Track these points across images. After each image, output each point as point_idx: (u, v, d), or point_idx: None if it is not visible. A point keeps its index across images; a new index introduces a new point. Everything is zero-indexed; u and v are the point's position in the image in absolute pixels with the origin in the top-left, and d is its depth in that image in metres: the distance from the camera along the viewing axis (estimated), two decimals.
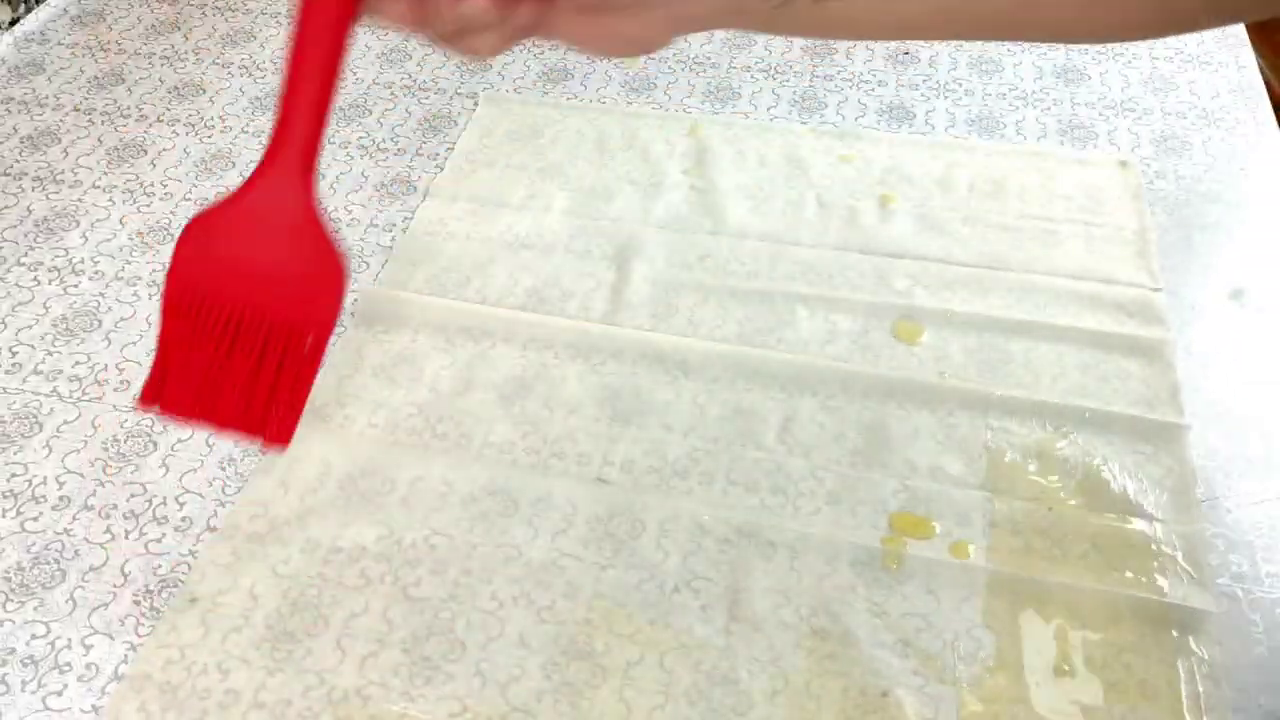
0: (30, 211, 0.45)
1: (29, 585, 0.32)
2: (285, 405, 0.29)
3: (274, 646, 0.31)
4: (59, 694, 0.30)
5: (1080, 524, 0.34)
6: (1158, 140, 0.50)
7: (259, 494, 0.35)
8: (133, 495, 0.35)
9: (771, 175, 0.47)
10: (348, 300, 0.42)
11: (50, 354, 0.39)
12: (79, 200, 0.46)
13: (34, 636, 0.31)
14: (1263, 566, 0.34)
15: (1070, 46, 0.55)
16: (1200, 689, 0.30)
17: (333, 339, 0.40)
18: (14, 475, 0.35)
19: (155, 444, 0.36)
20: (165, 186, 0.47)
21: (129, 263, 0.43)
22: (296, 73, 0.26)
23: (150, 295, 0.42)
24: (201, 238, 0.28)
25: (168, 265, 0.28)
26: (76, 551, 0.33)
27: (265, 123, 0.50)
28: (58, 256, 0.43)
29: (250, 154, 0.48)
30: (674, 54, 0.55)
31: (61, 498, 0.35)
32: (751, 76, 0.53)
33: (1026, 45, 0.56)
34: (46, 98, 0.51)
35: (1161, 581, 0.33)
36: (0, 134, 0.49)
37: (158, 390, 0.29)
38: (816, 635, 0.31)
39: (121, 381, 0.38)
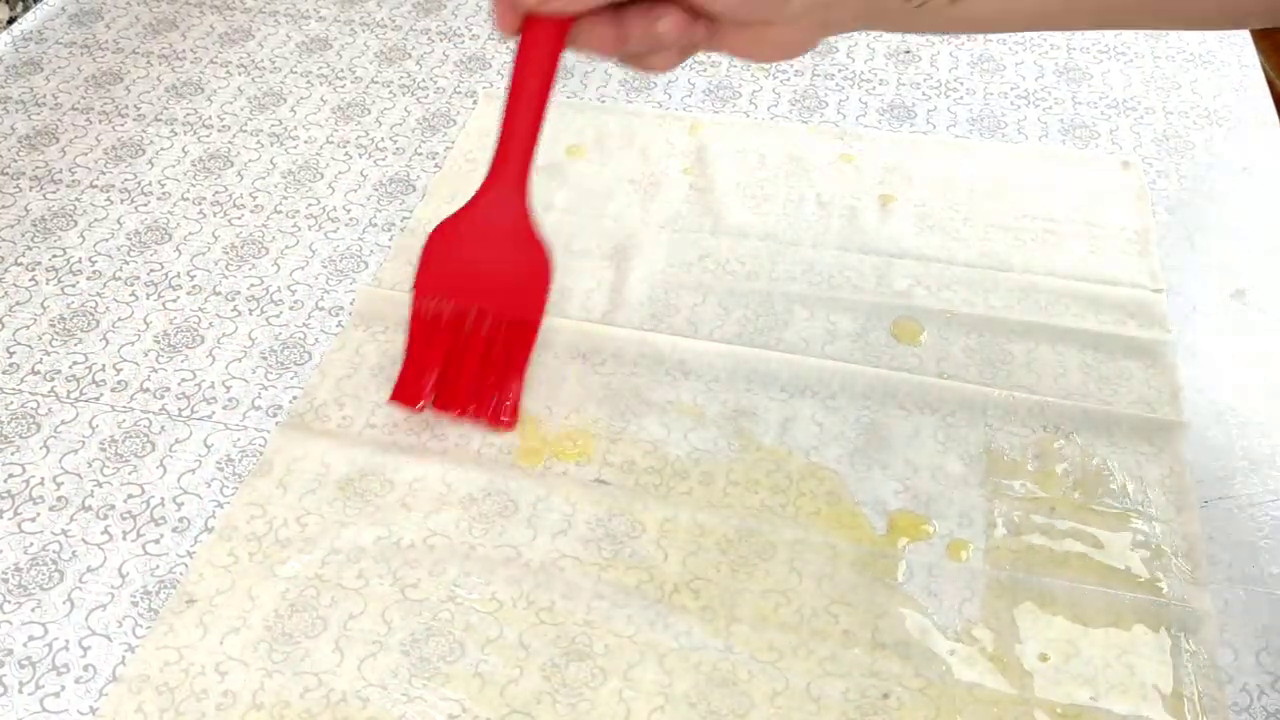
0: (28, 211, 0.45)
1: (26, 586, 0.32)
2: (512, 390, 0.34)
3: (272, 648, 0.31)
4: (56, 695, 0.30)
5: (1080, 524, 0.34)
6: (1160, 140, 0.50)
7: (257, 495, 0.35)
8: (130, 496, 0.35)
9: (772, 174, 0.47)
10: (345, 299, 0.42)
11: (48, 354, 0.39)
12: (77, 199, 0.46)
13: (31, 638, 0.31)
14: (1264, 567, 0.34)
15: (1072, 45, 0.55)
16: (1200, 690, 0.30)
17: (330, 339, 0.40)
18: (11, 476, 0.35)
19: (153, 445, 0.36)
20: (163, 186, 0.47)
21: (127, 262, 0.43)
22: (515, 101, 0.30)
23: (148, 295, 0.42)
24: (440, 247, 0.33)
25: (414, 273, 0.33)
26: (74, 552, 0.33)
27: (263, 122, 0.50)
28: (55, 256, 0.43)
29: (248, 153, 0.48)
30: None
31: (59, 498, 0.35)
32: (752, 75, 0.53)
33: (1028, 44, 0.55)
34: (44, 97, 0.51)
35: (1162, 581, 0.33)
36: None
37: (410, 388, 0.34)
38: (817, 636, 0.31)
39: (119, 382, 0.38)
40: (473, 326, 0.33)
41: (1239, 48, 0.55)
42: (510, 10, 0.28)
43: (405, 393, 0.35)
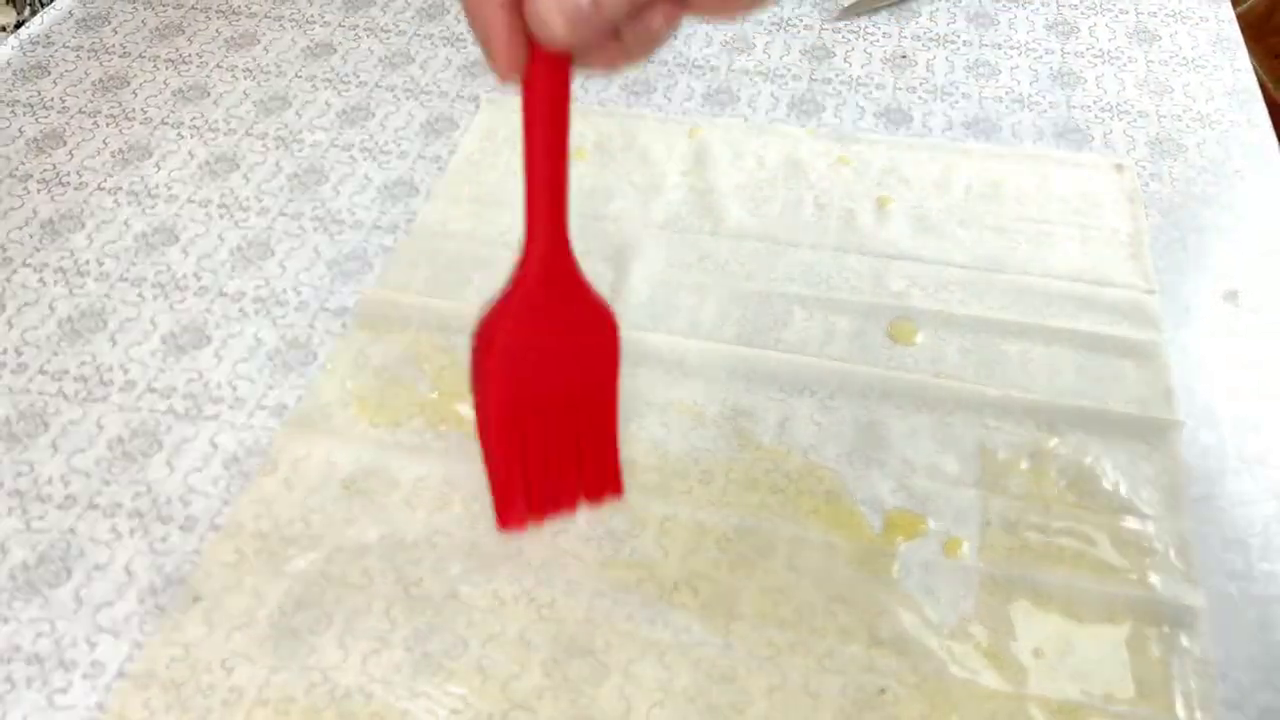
0: (36, 213, 0.46)
1: (34, 584, 0.33)
2: (610, 459, 0.32)
3: (277, 644, 0.31)
4: (64, 691, 0.30)
5: (1074, 522, 0.35)
6: (1153, 143, 0.50)
7: (263, 493, 0.35)
8: (138, 494, 0.35)
9: (770, 177, 0.48)
10: (350, 300, 0.42)
11: (56, 354, 0.40)
12: (84, 202, 0.46)
13: (39, 635, 0.32)
14: (1256, 564, 0.34)
15: (1066, 50, 0.56)
16: (1194, 686, 0.31)
17: (335, 339, 0.40)
18: (20, 474, 0.36)
19: (160, 444, 0.37)
20: (170, 189, 0.47)
21: (134, 264, 0.44)
22: (536, 153, 0.26)
23: (155, 296, 0.42)
24: (498, 346, 0.28)
25: (482, 380, 0.28)
26: (82, 550, 0.34)
27: (268, 125, 0.51)
28: (63, 258, 0.44)
29: (254, 157, 0.49)
30: (673, 57, 0.55)
31: (67, 497, 0.35)
32: (750, 80, 0.54)
33: (1022, 49, 0.56)
34: (52, 100, 0.52)
35: (1155, 579, 0.33)
36: (6, 136, 0.50)
37: (514, 508, 0.32)
38: (815, 633, 0.32)
39: (127, 381, 0.39)
40: (554, 418, 0.29)
41: (1231, 52, 0.55)
42: (513, 50, 0.25)
43: (514, 515, 0.32)
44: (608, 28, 0.25)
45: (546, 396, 0.29)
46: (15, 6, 0.55)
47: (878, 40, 0.57)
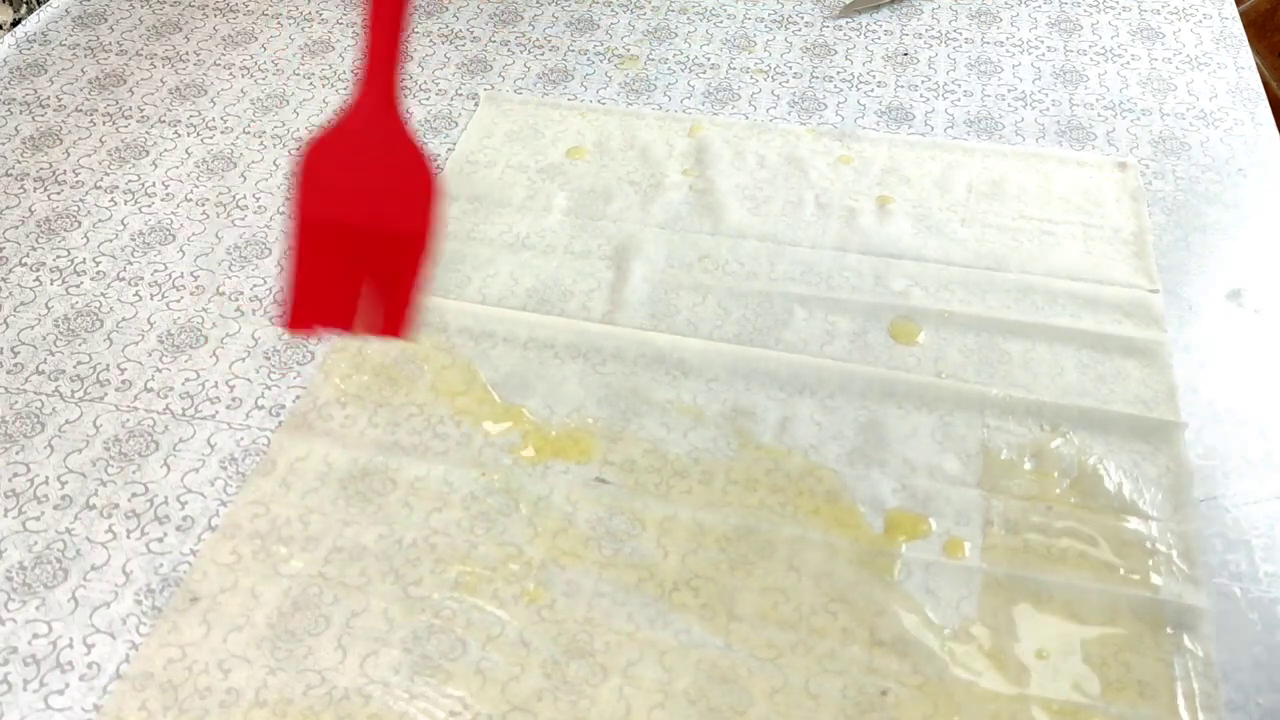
0: (32, 212, 0.46)
1: (31, 584, 0.33)
2: (405, 303, 0.32)
3: (275, 645, 0.31)
4: (61, 693, 0.30)
5: (1077, 522, 0.34)
6: (1156, 141, 0.50)
7: (260, 493, 0.35)
8: (134, 495, 0.35)
9: (770, 176, 0.48)
10: None
11: (52, 354, 0.39)
12: (81, 201, 0.46)
13: (36, 635, 0.31)
14: (1260, 565, 0.34)
15: (1069, 48, 0.55)
16: (1197, 687, 0.31)
17: (332, 339, 0.40)
18: (16, 475, 0.35)
19: (157, 444, 0.36)
20: (167, 187, 0.47)
21: (130, 263, 0.43)
22: (377, 11, 0.29)
23: (152, 295, 0.42)
24: (317, 168, 0.31)
25: (293, 196, 0.31)
26: (78, 551, 0.33)
27: (266, 123, 0.50)
28: (60, 257, 0.43)
29: (251, 155, 0.49)
30: (674, 55, 0.55)
31: (63, 497, 0.35)
32: (751, 78, 0.54)
33: (1025, 47, 0.56)
34: (48, 98, 0.51)
35: (1157, 580, 0.33)
36: (2, 135, 0.49)
37: (301, 313, 0.32)
38: (815, 634, 0.32)
39: (123, 381, 0.39)
40: (358, 245, 0.32)
41: (1235, 49, 0.55)
42: None
43: (297, 318, 0.33)
44: None
45: (351, 223, 0.32)
46: (12, 4, 0.55)
47: (879, 38, 0.56)
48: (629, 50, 0.55)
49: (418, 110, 0.51)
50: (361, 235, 0.31)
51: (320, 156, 0.31)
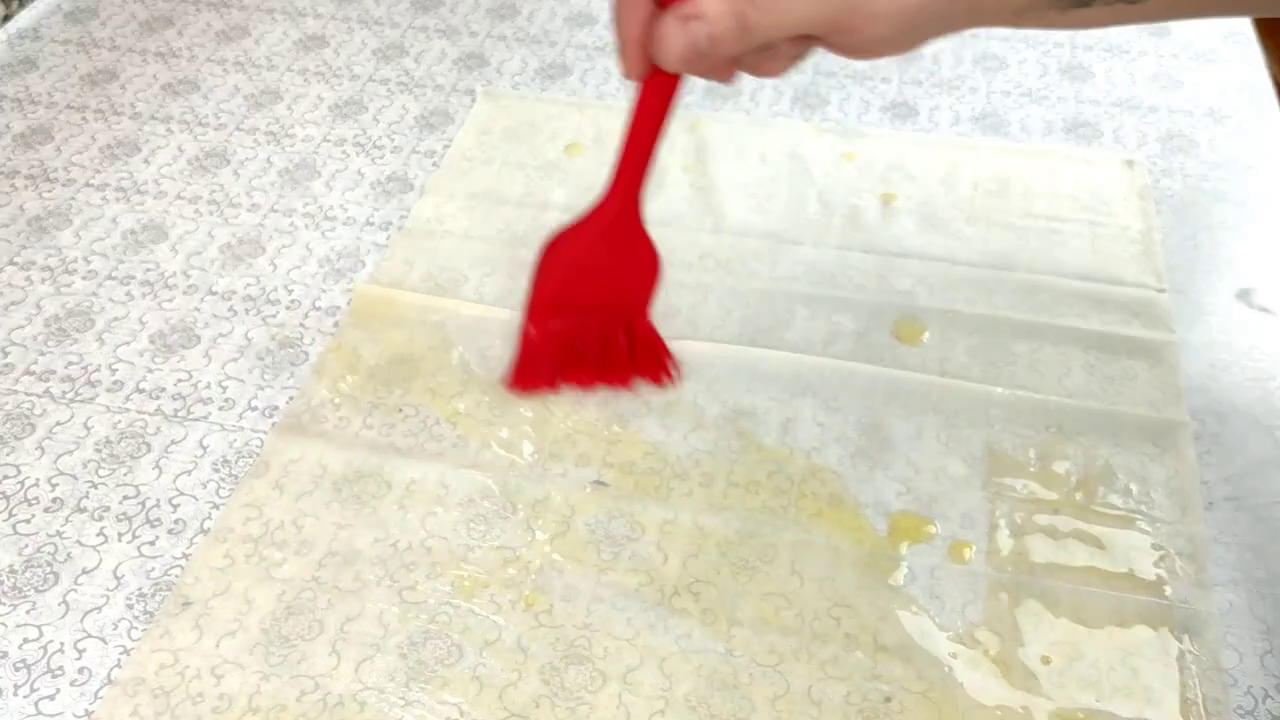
0: (22, 210, 0.45)
1: (21, 588, 0.32)
2: (653, 358, 0.37)
3: (268, 650, 0.31)
4: (51, 698, 0.30)
5: (1084, 525, 0.34)
6: (1164, 139, 0.49)
7: (253, 496, 0.34)
8: (126, 498, 0.34)
9: (773, 173, 0.47)
10: (342, 299, 0.42)
11: (43, 354, 0.39)
12: (72, 198, 0.46)
13: (26, 640, 0.31)
14: (1269, 569, 0.33)
15: (1075, 44, 0.55)
16: (1204, 692, 0.30)
17: (327, 339, 0.40)
18: (6, 477, 0.35)
19: (149, 446, 0.36)
20: (159, 184, 0.46)
21: (122, 262, 0.43)
22: (637, 133, 0.32)
23: (144, 295, 0.41)
24: (559, 256, 0.36)
25: (533, 278, 0.36)
26: (69, 554, 0.33)
27: (259, 120, 0.50)
28: (50, 255, 0.43)
29: (245, 152, 0.48)
30: None
31: (54, 500, 0.34)
32: None
33: (1031, 42, 0.55)
34: (39, 95, 0.51)
35: (1166, 584, 0.33)
36: None
37: (527, 376, 0.37)
38: (818, 639, 0.31)
39: (115, 382, 0.38)
40: (591, 318, 0.36)
41: (1243, 46, 0.55)
42: (641, 62, 0.28)
43: (526, 381, 0.37)
44: (723, 65, 0.28)
45: (588, 301, 0.36)
46: (3, 0, 0.54)
47: None
48: None
49: (413, 106, 0.51)
50: (590, 312, 0.36)
51: (563, 247, 0.35)
